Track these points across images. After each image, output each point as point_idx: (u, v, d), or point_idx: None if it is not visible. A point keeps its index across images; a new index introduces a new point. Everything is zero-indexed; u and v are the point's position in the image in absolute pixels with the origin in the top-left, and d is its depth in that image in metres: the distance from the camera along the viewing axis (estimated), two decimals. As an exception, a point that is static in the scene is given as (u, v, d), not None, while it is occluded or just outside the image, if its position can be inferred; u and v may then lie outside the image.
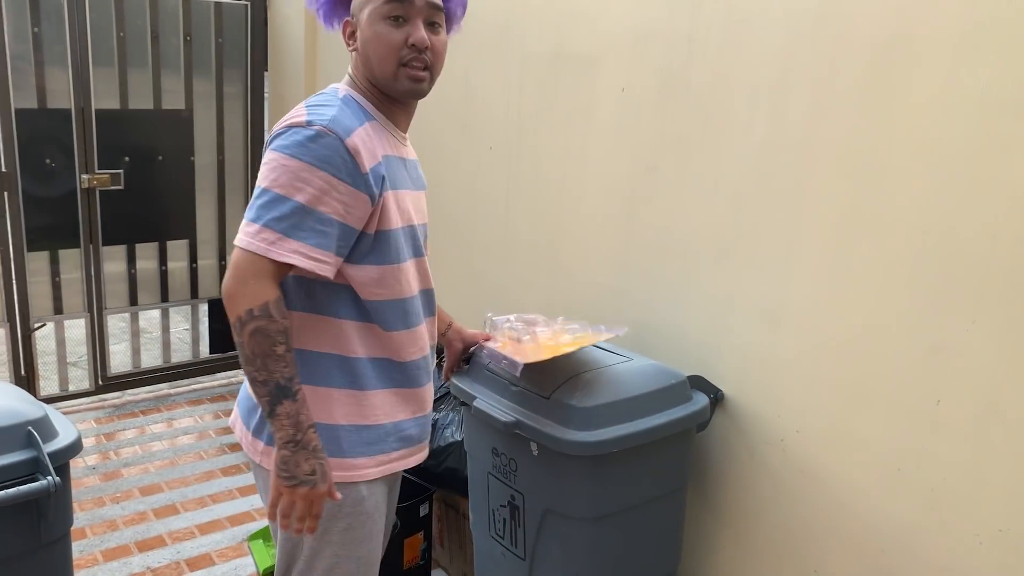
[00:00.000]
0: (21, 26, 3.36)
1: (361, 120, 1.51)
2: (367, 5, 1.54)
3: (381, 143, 1.54)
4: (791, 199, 1.99)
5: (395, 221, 1.54)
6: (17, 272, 3.55)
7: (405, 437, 1.68)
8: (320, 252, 1.42)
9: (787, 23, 1.96)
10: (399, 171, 1.59)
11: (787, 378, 2.05)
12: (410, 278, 1.62)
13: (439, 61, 1.58)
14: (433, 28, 1.55)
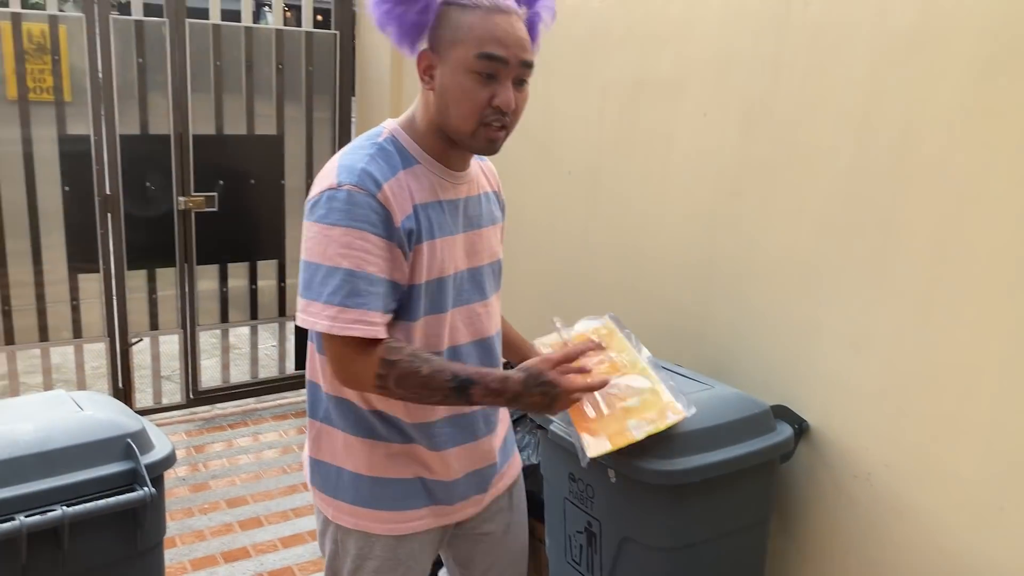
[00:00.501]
0: (127, 57, 3.56)
1: (395, 169, 1.43)
2: (455, 49, 1.40)
3: (418, 191, 1.45)
4: (880, 225, 1.94)
5: (426, 272, 1.46)
6: (118, 289, 3.73)
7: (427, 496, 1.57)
8: (376, 315, 1.39)
9: (876, 48, 1.92)
10: (439, 217, 1.48)
11: (875, 409, 1.98)
12: (447, 328, 1.51)
13: (518, 119, 1.48)
14: (520, 85, 1.45)
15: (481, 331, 1.57)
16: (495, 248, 1.61)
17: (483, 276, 1.58)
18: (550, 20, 1.54)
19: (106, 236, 3.65)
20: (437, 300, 1.48)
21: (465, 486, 1.60)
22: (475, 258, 1.55)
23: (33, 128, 3.41)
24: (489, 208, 1.61)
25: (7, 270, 3.46)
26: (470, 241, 1.54)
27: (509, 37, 1.39)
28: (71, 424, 1.88)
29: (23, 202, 3.44)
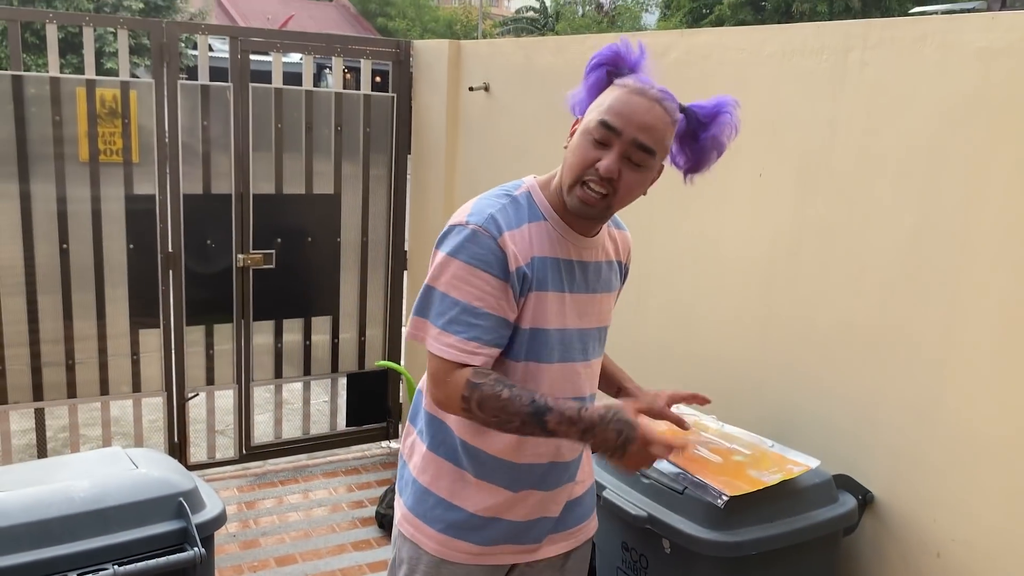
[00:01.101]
0: (193, 120, 3.68)
1: (522, 220, 1.54)
2: (589, 115, 1.53)
3: (540, 244, 1.55)
4: (946, 289, 1.87)
5: (532, 320, 1.55)
6: (176, 344, 3.80)
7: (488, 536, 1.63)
8: (473, 344, 1.49)
9: (937, 107, 1.88)
10: (554, 273, 1.56)
11: (944, 482, 1.89)
12: (545, 379, 1.58)
13: (625, 195, 1.53)
14: (632, 164, 1.50)
15: (579, 390, 1.63)
16: (605, 314, 1.69)
17: (589, 338, 1.65)
18: (728, 137, 1.60)
19: (167, 292, 3.74)
20: (536, 349, 1.56)
21: (517, 531, 1.65)
22: (585, 320, 1.62)
23: (102, 187, 3.53)
24: (608, 275, 1.69)
25: (72, 323, 3.56)
26: (583, 302, 1.62)
27: (633, 114, 1.48)
28: (125, 482, 1.90)
29: (90, 258, 3.56)
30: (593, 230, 1.62)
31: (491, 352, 1.52)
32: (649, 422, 1.60)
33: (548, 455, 1.63)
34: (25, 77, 3.32)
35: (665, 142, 1.54)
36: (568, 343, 1.60)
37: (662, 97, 1.51)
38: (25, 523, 1.77)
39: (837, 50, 2.11)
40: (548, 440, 1.60)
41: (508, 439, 1.59)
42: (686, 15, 23.12)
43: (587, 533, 1.78)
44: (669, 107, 1.52)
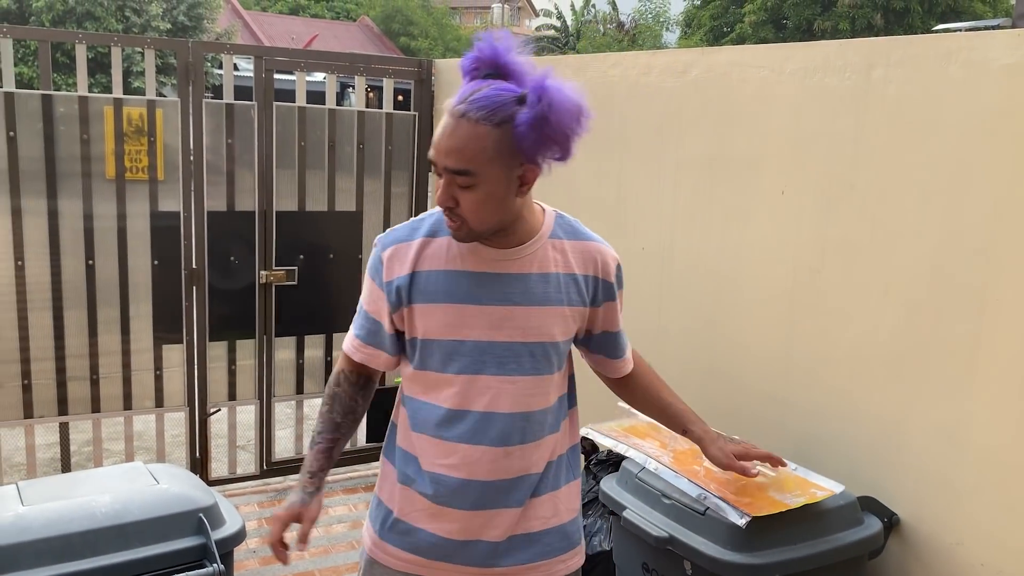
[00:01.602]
0: (217, 138, 3.73)
1: (416, 234, 1.63)
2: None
3: (435, 259, 1.60)
4: (972, 307, 1.85)
5: (423, 331, 1.61)
6: (199, 360, 3.83)
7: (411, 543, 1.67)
8: (356, 341, 1.70)
9: (962, 124, 1.86)
10: (453, 285, 1.58)
11: (972, 504, 1.86)
12: (445, 389, 1.60)
13: (473, 216, 1.52)
14: (463, 188, 1.50)
15: (496, 406, 1.58)
16: (542, 328, 1.61)
17: (510, 352, 1.59)
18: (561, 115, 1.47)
19: (190, 308, 3.77)
20: (429, 359, 1.61)
21: (447, 548, 1.63)
22: (502, 333, 1.58)
23: (128, 204, 3.58)
24: (550, 289, 1.61)
25: (97, 338, 3.59)
26: (499, 315, 1.58)
27: (439, 142, 1.51)
28: (147, 498, 1.91)
29: (115, 274, 3.60)
30: (510, 241, 1.59)
31: (371, 352, 1.68)
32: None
33: (459, 469, 1.59)
34: (55, 96, 3.38)
35: (482, 155, 1.47)
36: (475, 355, 1.58)
37: (466, 110, 1.46)
38: (47, 538, 1.78)
39: (860, 68, 2.10)
40: (468, 454, 1.58)
41: (437, 448, 1.60)
42: (707, 33, 23.13)
43: (562, 568, 1.68)
44: (476, 116, 1.46)
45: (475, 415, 1.59)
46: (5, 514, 1.83)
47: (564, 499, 1.69)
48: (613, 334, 1.75)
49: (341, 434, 1.73)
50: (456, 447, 1.59)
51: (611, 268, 1.69)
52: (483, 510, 1.61)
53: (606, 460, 2.62)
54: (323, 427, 1.72)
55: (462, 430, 1.59)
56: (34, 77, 12.53)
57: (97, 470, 2.15)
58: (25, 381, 3.48)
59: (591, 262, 1.66)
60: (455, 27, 31.28)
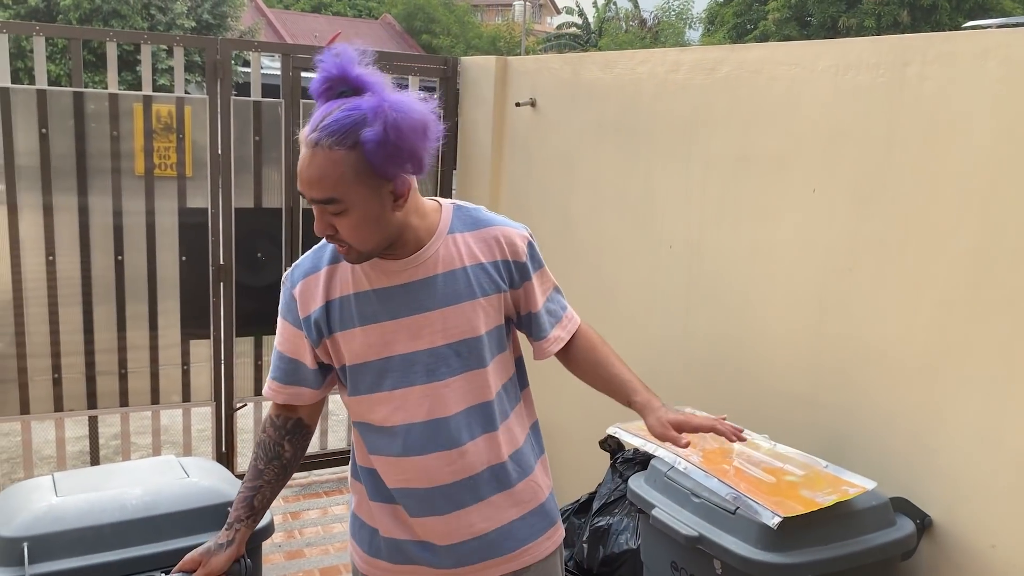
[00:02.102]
0: (245, 135, 3.75)
1: (321, 263, 1.62)
2: None
3: (342, 284, 1.59)
4: (1007, 307, 1.82)
5: (349, 357, 1.60)
6: (226, 355, 3.86)
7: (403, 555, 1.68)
8: (275, 384, 1.68)
9: (999, 122, 1.84)
10: (365, 307, 1.58)
11: (1008, 507, 1.83)
12: (384, 408, 1.60)
13: (355, 238, 1.50)
14: (336, 216, 1.48)
15: (436, 411, 1.60)
16: (460, 327, 1.59)
17: (438, 357, 1.59)
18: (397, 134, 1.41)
19: (217, 304, 3.80)
20: (362, 383, 1.61)
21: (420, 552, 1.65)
22: (423, 340, 1.59)
23: (157, 201, 3.61)
24: (456, 285, 1.59)
25: (126, 333, 3.63)
26: (415, 324, 1.58)
27: (301, 175, 1.47)
28: (177, 491, 1.93)
29: (144, 269, 3.63)
30: (407, 250, 1.57)
31: (292, 391, 1.67)
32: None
33: (416, 481, 1.61)
34: (86, 94, 3.42)
35: (343, 181, 1.44)
36: (403, 368, 1.58)
37: (319, 138, 1.43)
38: (79, 528, 1.80)
39: (894, 65, 2.07)
40: (421, 465, 1.60)
41: (393, 466, 1.62)
42: (730, 31, 22.98)
43: (539, 552, 1.70)
44: (328, 143, 1.42)
45: (419, 426, 1.60)
46: (39, 504, 1.85)
47: (540, 478, 1.73)
48: (533, 314, 1.69)
49: (264, 481, 1.68)
50: (411, 461, 1.60)
51: (519, 247, 1.65)
52: (460, 510, 1.63)
53: (632, 459, 2.61)
54: (247, 474, 1.70)
55: (411, 443, 1.60)
56: (62, 75, 12.67)
57: (130, 463, 2.17)
58: (55, 375, 3.53)
59: (498, 247, 1.64)
60: (476, 24, 31.31)
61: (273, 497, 1.71)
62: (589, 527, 2.53)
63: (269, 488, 1.68)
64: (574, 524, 2.66)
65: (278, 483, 1.69)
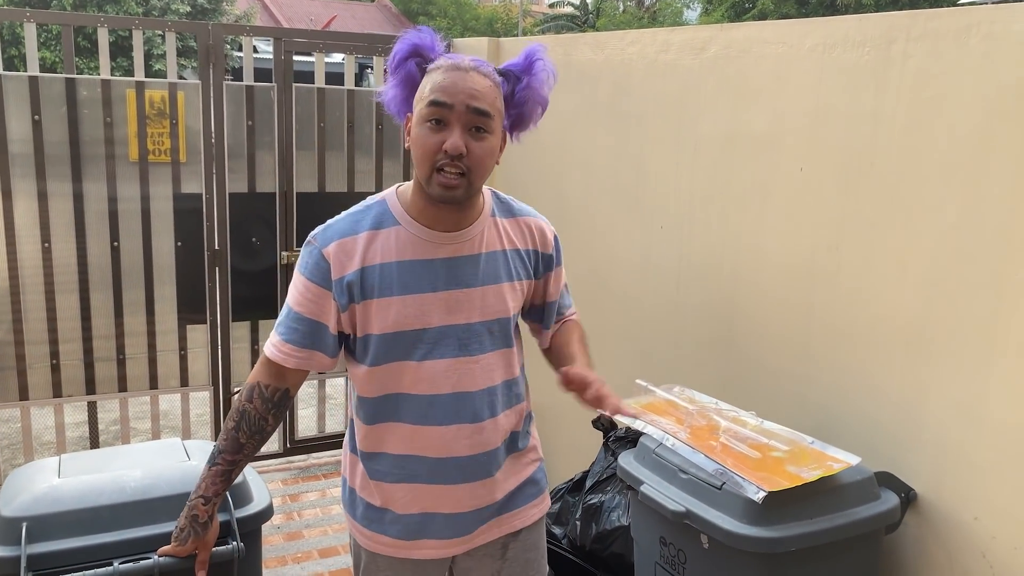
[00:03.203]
0: (238, 120, 3.76)
1: (362, 228, 1.60)
2: (418, 105, 1.56)
3: (385, 250, 1.59)
4: (992, 283, 1.84)
5: (380, 326, 1.59)
6: (223, 340, 3.89)
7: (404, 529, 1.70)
8: (287, 347, 1.63)
9: (983, 99, 1.85)
10: (408, 276, 1.58)
11: (991, 481, 1.86)
12: (410, 377, 1.62)
13: (480, 168, 1.55)
14: (476, 133, 1.53)
15: (463, 385, 1.64)
16: (495, 307, 1.66)
17: (470, 333, 1.64)
18: (549, 84, 1.64)
19: (213, 289, 3.82)
20: (393, 350, 1.60)
21: (426, 525, 1.69)
22: (458, 315, 1.62)
23: (151, 187, 3.62)
24: (498, 267, 1.66)
25: (123, 319, 3.65)
26: (453, 299, 1.62)
27: (457, 86, 1.51)
28: (175, 474, 1.94)
29: (140, 255, 3.65)
30: (457, 223, 1.62)
31: (306, 355, 1.62)
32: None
33: (459, 450, 1.65)
34: (78, 80, 3.42)
35: (497, 104, 1.56)
36: (436, 340, 1.61)
37: (477, 64, 1.55)
38: (77, 510, 1.82)
39: (880, 43, 2.08)
40: (454, 435, 1.64)
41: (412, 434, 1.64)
42: (728, 10, 22.84)
43: (528, 517, 1.78)
44: (487, 71, 1.56)
45: (444, 398, 1.63)
46: (40, 485, 1.87)
47: (536, 449, 1.83)
48: (551, 304, 1.79)
49: (244, 455, 1.68)
50: (430, 430, 1.64)
51: (549, 240, 1.76)
52: (471, 483, 1.68)
53: (624, 437, 2.64)
54: (225, 446, 1.67)
55: (433, 414, 1.63)
56: (56, 61, 12.62)
57: (135, 445, 2.19)
58: (54, 361, 3.55)
59: (530, 236, 1.73)
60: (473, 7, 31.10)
61: (242, 469, 1.75)
62: (582, 505, 2.56)
63: (246, 461, 1.71)
64: (568, 502, 2.69)
65: (252, 455, 1.72)
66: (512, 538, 1.78)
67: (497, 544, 1.77)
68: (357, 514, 1.75)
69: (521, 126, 1.67)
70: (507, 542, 1.78)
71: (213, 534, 1.74)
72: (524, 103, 1.62)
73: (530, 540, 1.81)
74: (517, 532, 1.78)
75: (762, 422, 2.15)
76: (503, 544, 1.77)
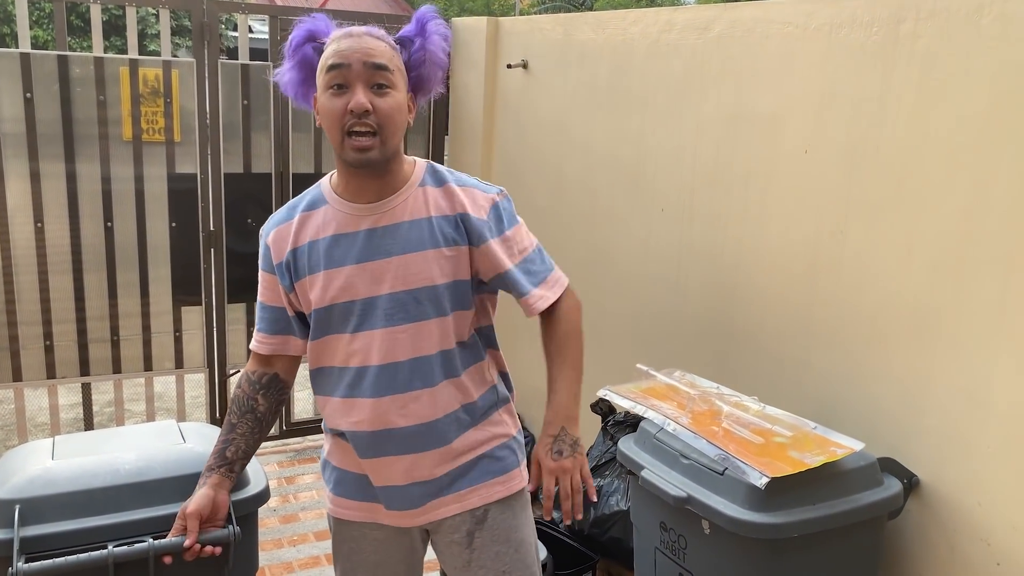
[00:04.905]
0: (233, 99, 3.71)
1: (295, 212, 1.68)
2: (319, 79, 1.59)
3: (314, 229, 1.65)
4: (998, 268, 1.82)
5: (315, 301, 1.64)
6: (218, 321, 3.86)
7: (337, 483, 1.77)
8: (260, 335, 1.75)
9: (993, 80, 1.81)
10: (334, 250, 1.62)
11: (994, 467, 1.84)
12: (343, 351, 1.64)
13: (389, 123, 1.55)
14: (379, 90, 1.54)
15: (393, 356, 1.62)
16: (419, 275, 1.61)
17: (395, 303, 1.61)
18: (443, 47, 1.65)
19: (208, 270, 3.78)
20: (327, 324, 1.64)
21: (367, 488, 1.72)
22: (382, 285, 1.61)
23: (145, 167, 3.58)
24: (421, 234, 1.62)
25: (117, 301, 3.62)
26: (377, 269, 1.61)
27: (350, 48, 1.54)
28: (171, 456, 1.91)
29: (134, 236, 3.61)
30: (375, 194, 1.62)
31: (278, 340, 1.74)
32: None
33: (394, 421, 1.64)
34: (70, 57, 3.36)
35: (395, 61, 1.58)
36: (364, 312, 1.62)
37: (368, 29, 1.58)
38: (70, 492, 1.80)
39: (888, 22, 2.04)
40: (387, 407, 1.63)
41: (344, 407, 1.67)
42: (727, -8, 22.68)
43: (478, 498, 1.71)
44: (379, 34, 1.58)
45: (374, 369, 1.63)
46: (33, 468, 1.84)
47: (496, 426, 1.74)
48: (503, 274, 1.67)
49: (238, 434, 1.74)
50: (364, 403, 1.64)
51: (483, 205, 1.66)
52: (411, 454, 1.65)
53: (623, 422, 2.62)
54: (222, 429, 1.77)
55: (364, 386, 1.63)
56: (48, 40, 12.48)
57: (131, 427, 2.16)
58: (47, 342, 3.52)
59: (459, 202, 1.65)
60: (470, -13, 30.83)
61: (249, 451, 1.75)
62: (580, 489, 2.54)
63: (243, 440, 1.73)
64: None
65: (252, 436, 1.74)
66: (477, 526, 1.71)
67: (462, 531, 1.70)
68: (326, 479, 1.81)
69: (423, 90, 1.68)
70: (472, 530, 1.71)
71: (195, 501, 1.71)
72: (421, 64, 1.63)
73: (499, 531, 1.71)
74: (482, 520, 1.71)
75: (764, 407, 2.13)
76: (468, 532, 1.71)
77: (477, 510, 1.70)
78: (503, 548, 1.71)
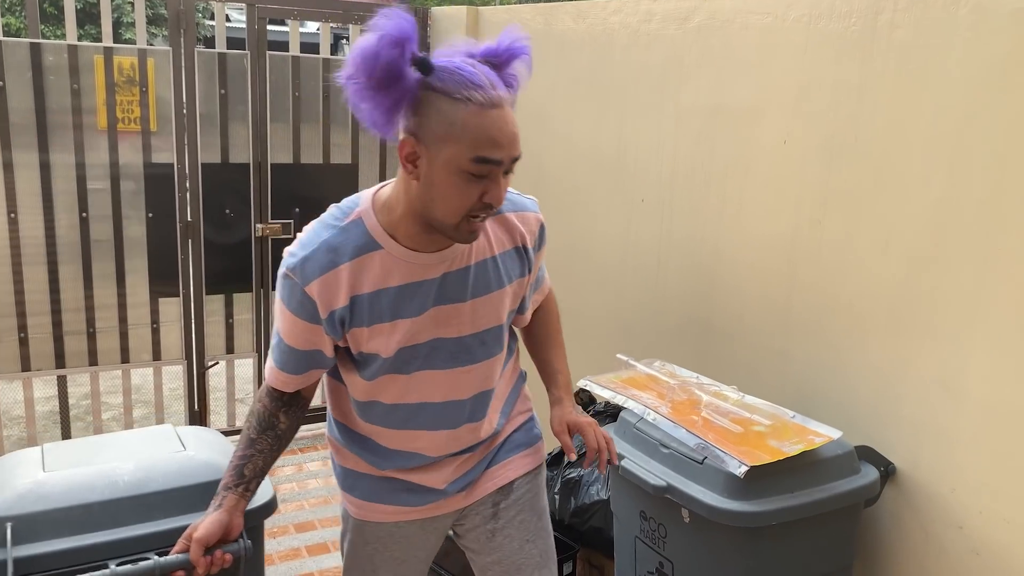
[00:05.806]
0: (210, 88, 3.67)
1: (341, 259, 1.49)
2: (447, 146, 1.37)
3: (370, 279, 1.50)
4: (974, 259, 1.84)
5: (371, 348, 1.55)
6: (196, 313, 3.82)
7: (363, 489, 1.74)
8: (284, 376, 1.60)
9: (970, 72, 1.83)
10: (396, 302, 1.52)
11: (968, 454, 1.87)
12: (400, 388, 1.60)
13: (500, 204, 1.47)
14: (507, 174, 1.44)
15: (453, 395, 1.62)
16: (487, 317, 1.61)
17: (461, 346, 1.60)
18: (527, 76, 1.53)
19: (186, 261, 3.74)
20: (385, 367, 1.57)
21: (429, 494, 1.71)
22: (450, 329, 1.58)
23: (121, 156, 3.53)
24: (487, 275, 1.59)
25: (93, 292, 3.57)
26: (443, 315, 1.56)
27: (504, 137, 1.37)
28: (171, 465, 1.80)
29: (110, 227, 3.57)
30: (444, 244, 1.53)
31: (300, 379, 1.60)
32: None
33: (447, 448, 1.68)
34: (43, 45, 3.31)
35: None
36: (427, 354, 1.57)
37: (507, 95, 1.41)
38: (66, 507, 1.67)
39: (867, 13, 2.06)
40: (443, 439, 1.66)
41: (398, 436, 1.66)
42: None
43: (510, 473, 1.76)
44: (513, 97, 1.44)
45: (433, 406, 1.62)
46: (24, 480, 1.71)
47: (521, 404, 1.82)
48: (532, 283, 1.72)
49: (256, 451, 1.60)
50: (419, 434, 1.65)
51: (535, 231, 1.67)
52: (458, 457, 1.71)
53: (604, 411, 2.63)
54: (239, 444, 1.62)
55: (422, 420, 1.63)
56: (22, 28, 12.29)
57: (126, 433, 2.04)
58: (22, 335, 3.48)
59: (519, 233, 1.63)
60: (450, -22, 30.70)
61: (266, 467, 1.62)
62: (561, 479, 2.55)
63: (261, 458, 1.60)
64: (546, 476, 2.68)
65: (272, 454, 1.61)
66: (503, 497, 1.73)
67: (488, 503, 1.74)
68: (348, 486, 1.76)
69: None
70: (499, 500, 1.74)
71: (206, 525, 1.54)
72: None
73: (524, 500, 1.75)
74: (508, 491, 1.74)
75: (744, 396, 2.14)
76: (494, 503, 1.74)
77: (509, 483, 1.76)
78: (528, 516, 1.76)
